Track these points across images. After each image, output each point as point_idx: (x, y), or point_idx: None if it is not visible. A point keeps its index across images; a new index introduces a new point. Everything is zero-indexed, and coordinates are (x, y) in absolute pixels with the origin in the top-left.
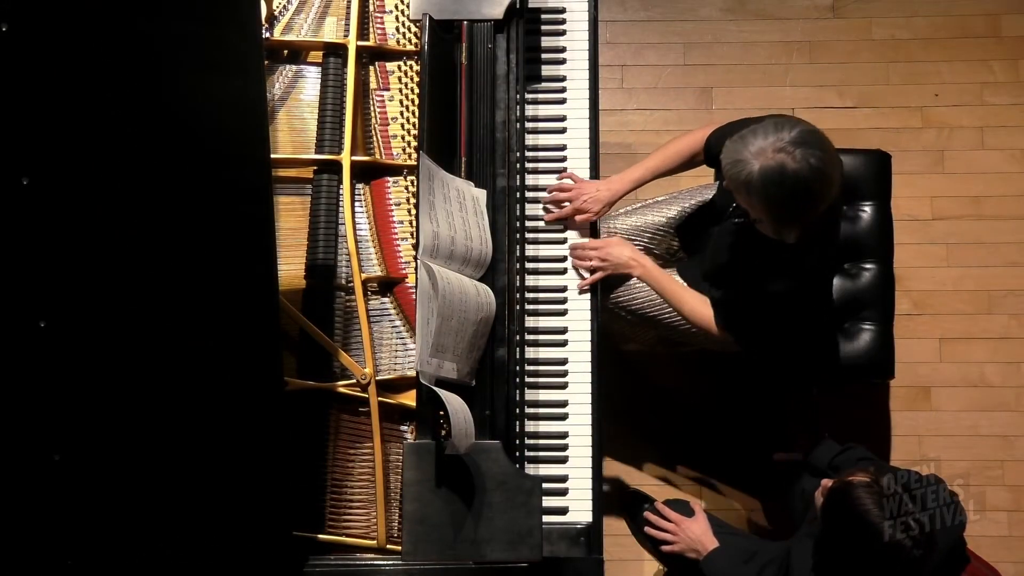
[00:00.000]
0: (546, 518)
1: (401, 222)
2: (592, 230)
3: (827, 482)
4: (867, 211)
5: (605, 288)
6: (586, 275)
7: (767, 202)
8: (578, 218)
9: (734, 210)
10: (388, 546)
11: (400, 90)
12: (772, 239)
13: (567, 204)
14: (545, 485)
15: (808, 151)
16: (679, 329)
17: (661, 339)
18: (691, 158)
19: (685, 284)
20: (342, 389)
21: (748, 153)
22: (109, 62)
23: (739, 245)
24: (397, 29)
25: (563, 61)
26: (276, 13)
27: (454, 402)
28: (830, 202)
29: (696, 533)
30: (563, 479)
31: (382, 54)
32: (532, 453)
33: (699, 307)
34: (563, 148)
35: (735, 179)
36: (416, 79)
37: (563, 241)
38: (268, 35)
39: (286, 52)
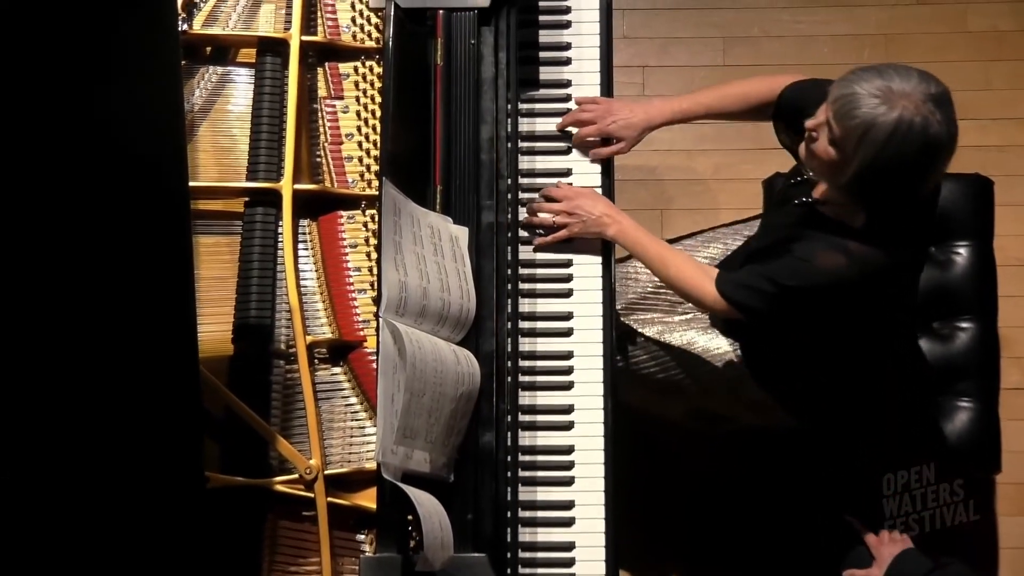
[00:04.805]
0: None
1: (358, 269)
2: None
3: None
4: (962, 254)
5: (621, 347)
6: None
7: (878, 157)
8: (602, 151)
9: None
10: None
11: (357, 99)
12: (833, 221)
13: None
14: None
15: (949, 117)
16: (716, 397)
17: (693, 412)
18: (757, 107)
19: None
20: (280, 487)
21: (893, 92)
22: None
23: (793, 227)
24: (354, 20)
25: (567, 61)
26: None
27: (426, 503)
28: (929, 188)
29: None
30: None
31: (334, 52)
32: (528, 569)
33: (689, 270)
34: (567, 173)
35: (858, 113)
36: (378, 85)
37: (568, 294)
38: (186, 27)
39: (209, 50)
